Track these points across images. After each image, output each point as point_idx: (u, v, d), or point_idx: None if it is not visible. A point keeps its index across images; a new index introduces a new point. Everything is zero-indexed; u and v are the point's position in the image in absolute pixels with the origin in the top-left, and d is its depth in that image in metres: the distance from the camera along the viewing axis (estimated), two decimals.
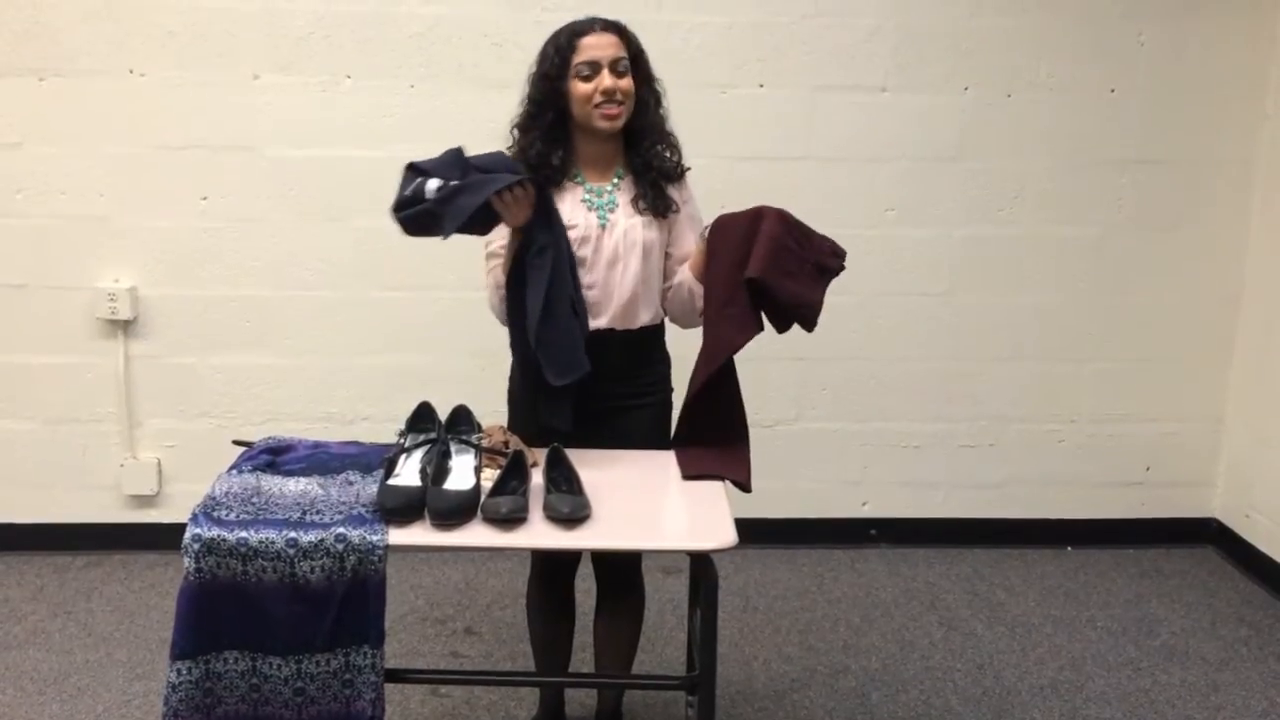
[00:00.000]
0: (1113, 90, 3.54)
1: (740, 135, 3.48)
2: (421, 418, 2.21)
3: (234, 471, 2.11)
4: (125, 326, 3.50)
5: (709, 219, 2.34)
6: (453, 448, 2.14)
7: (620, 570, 2.53)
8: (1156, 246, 3.65)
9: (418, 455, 2.09)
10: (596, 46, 2.24)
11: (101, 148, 3.39)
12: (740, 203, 3.80)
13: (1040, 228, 3.61)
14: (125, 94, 3.36)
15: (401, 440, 2.15)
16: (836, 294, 3.57)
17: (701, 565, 2.01)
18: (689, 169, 2.43)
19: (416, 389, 2.60)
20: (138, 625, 3.18)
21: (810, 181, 3.52)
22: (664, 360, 2.48)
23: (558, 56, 2.26)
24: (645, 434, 2.38)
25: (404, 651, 3.05)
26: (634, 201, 2.34)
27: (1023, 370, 3.71)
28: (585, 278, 2.30)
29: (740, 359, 3.74)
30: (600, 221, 2.31)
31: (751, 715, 2.80)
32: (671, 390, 2.49)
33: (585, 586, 2.56)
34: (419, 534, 1.94)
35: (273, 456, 2.18)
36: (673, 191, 2.38)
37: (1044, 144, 3.56)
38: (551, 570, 2.55)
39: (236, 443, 2.29)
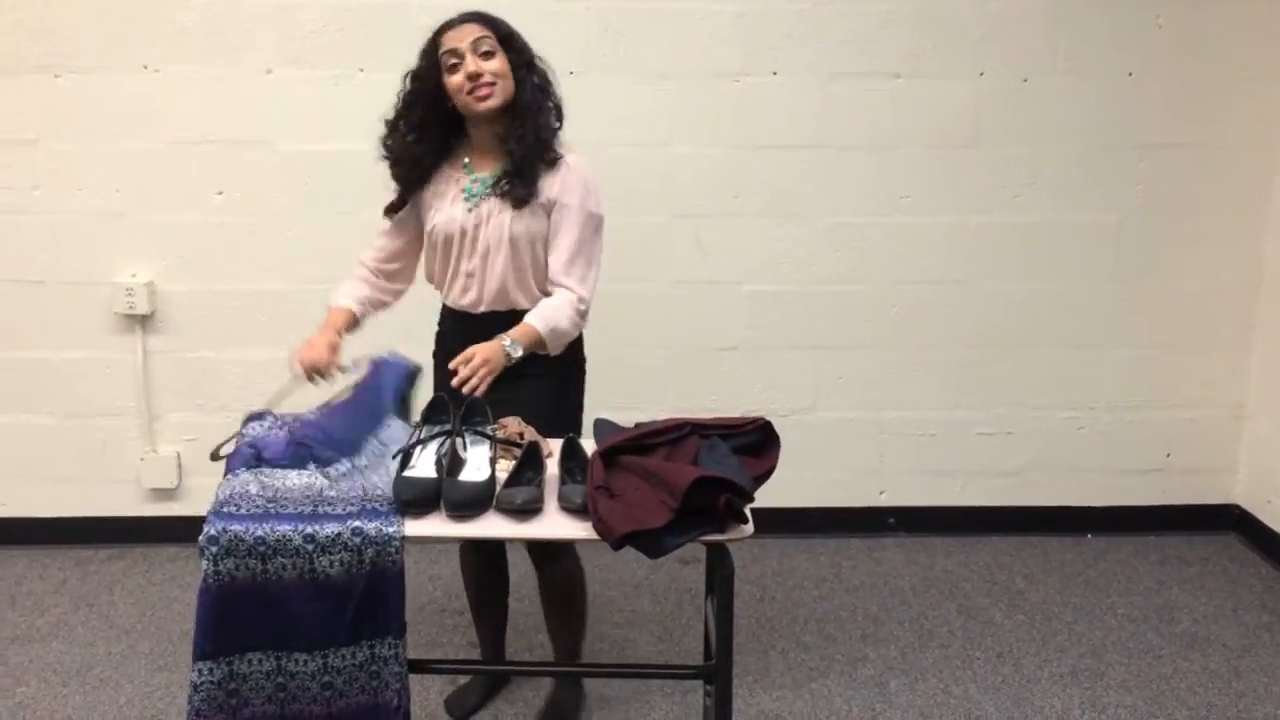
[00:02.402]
0: (1130, 74, 3.51)
1: (754, 124, 3.47)
2: (435, 410, 2.21)
3: (231, 476, 2.09)
4: (143, 321, 3.51)
5: (728, 208, 2.33)
6: (468, 439, 2.14)
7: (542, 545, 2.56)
8: (1175, 232, 3.62)
9: (433, 447, 2.10)
10: (455, 37, 2.34)
11: (117, 143, 3.40)
12: (755, 191, 3.77)
13: (1057, 214, 3.59)
14: (139, 90, 3.37)
15: (416, 432, 2.16)
16: (853, 283, 3.61)
17: (718, 555, 2.01)
18: (560, 156, 2.40)
19: (431, 381, 2.61)
20: (159, 617, 3.20)
21: (825, 170, 3.51)
22: None
23: (425, 58, 2.39)
24: (533, 403, 2.36)
25: (423, 642, 3.07)
26: (495, 184, 2.37)
27: (1041, 357, 3.69)
28: (464, 265, 2.41)
29: (755, 347, 3.74)
30: (469, 208, 2.38)
31: (769, 704, 2.80)
32: (582, 362, 2.56)
33: (603, 577, 2.56)
34: (435, 525, 1.95)
35: (256, 452, 2.15)
36: (547, 180, 2.37)
37: (1061, 129, 3.53)
38: None
39: (214, 457, 2.21)
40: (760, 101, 3.46)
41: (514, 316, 2.37)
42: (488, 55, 2.33)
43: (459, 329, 2.48)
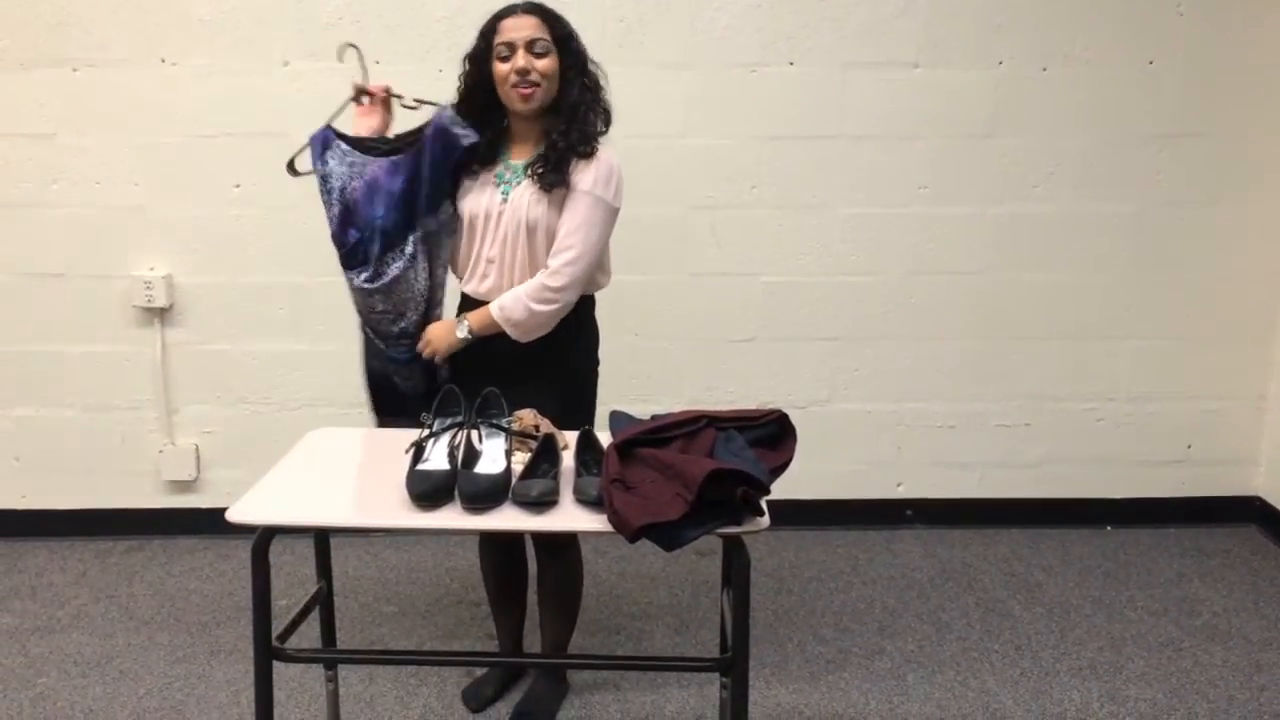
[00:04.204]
0: (1151, 63, 3.47)
1: (771, 114, 3.45)
2: (446, 402, 2.21)
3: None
4: (162, 314, 3.53)
5: (744, 200, 2.32)
6: (484, 431, 2.14)
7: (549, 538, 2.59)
8: (1196, 222, 3.59)
9: (445, 439, 2.10)
10: (514, 28, 2.32)
11: (134, 137, 3.42)
12: (771, 183, 3.75)
13: (1077, 204, 3.56)
14: (157, 83, 3.38)
15: (429, 425, 2.16)
16: (870, 274, 3.59)
17: (734, 547, 2.00)
18: (595, 150, 2.37)
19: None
20: (178, 609, 3.22)
21: (842, 160, 3.49)
22: (565, 334, 2.43)
23: (482, 40, 2.38)
24: (535, 404, 2.33)
25: (440, 634, 3.07)
26: (528, 167, 2.38)
27: (1059, 349, 3.67)
28: (486, 250, 2.41)
29: (772, 339, 3.73)
30: (502, 196, 2.39)
31: (786, 697, 2.79)
32: (594, 364, 2.56)
33: (619, 570, 2.56)
34: (451, 517, 1.94)
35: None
36: (579, 171, 2.35)
37: (1080, 119, 3.50)
38: None
39: (291, 170, 2.61)
40: (777, 92, 3.44)
41: None
42: (541, 54, 2.32)
43: None
